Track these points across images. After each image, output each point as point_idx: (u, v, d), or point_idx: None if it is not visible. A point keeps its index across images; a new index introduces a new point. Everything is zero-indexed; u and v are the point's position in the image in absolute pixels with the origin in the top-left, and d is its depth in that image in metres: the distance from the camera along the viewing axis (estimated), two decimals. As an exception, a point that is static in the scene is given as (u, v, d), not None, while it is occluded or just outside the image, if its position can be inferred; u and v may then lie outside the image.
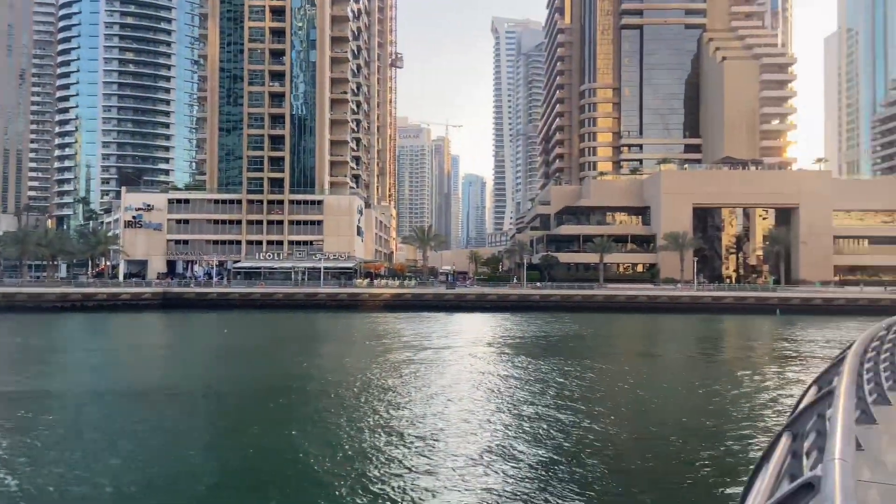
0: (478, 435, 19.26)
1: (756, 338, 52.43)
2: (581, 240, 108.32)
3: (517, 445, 18.16)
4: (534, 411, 22.62)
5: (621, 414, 22.42)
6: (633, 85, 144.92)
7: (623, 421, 21.22)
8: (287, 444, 18.63)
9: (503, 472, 15.80)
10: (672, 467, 16.09)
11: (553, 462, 16.56)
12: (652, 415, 22.29)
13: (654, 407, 23.76)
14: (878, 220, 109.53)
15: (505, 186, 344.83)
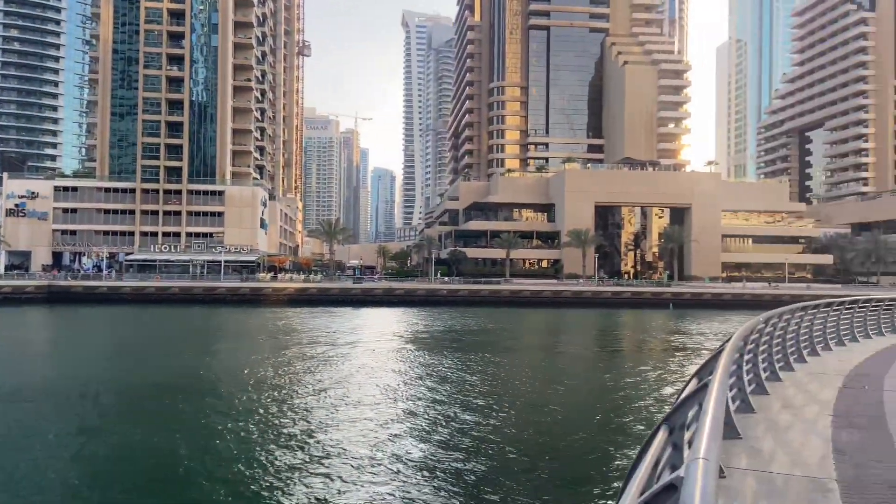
0: (372, 433, 18.66)
1: (651, 331, 54.58)
2: (489, 235, 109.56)
3: (408, 441, 17.71)
4: (430, 407, 22.25)
5: (517, 408, 22.40)
6: (540, 85, 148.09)
7: (519, 415, 21.18)
8: (162, 445, 17.33)
9: (391, 471, 15.28)
10: (560, 462, 16.05)
11: (439, 458, 16.20)
12: (548, 408, 22.40)
13: (552, 400, 23.93)
14: (762, 221, 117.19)
15: (415, 181, 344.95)
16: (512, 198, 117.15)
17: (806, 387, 10.83)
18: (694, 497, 2.73)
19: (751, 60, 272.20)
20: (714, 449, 2.95)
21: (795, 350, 13.72)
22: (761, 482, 5.73)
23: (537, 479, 14.81)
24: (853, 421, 8.00)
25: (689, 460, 2.96)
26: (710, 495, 2.76)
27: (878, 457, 6.36)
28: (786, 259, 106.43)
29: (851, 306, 18.20)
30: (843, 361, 13.79)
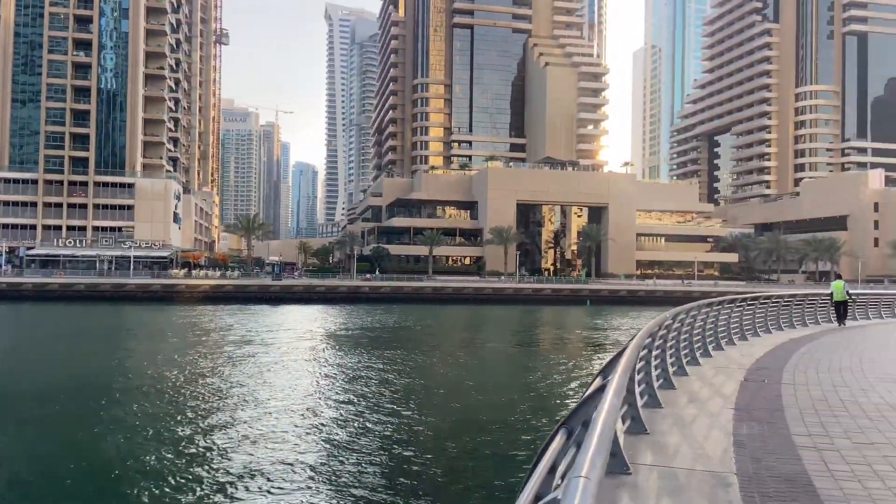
0: (277, 432, 18.10)
1: (570, 327, 55.84)
2: (412, 232, 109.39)
3: (318, 441, 17.29)
4: (341, 406, 21.84)
5: (428, 406, 22.23)
6: (464, 83, 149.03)
7: (428, 413, 21.00)
8: (63, 450, 16.22)
9: (299, 471, 14.85)
10: (463, 463, 15.90)
11: (337, 458, 15.88)
12: (460, 406, 22.35)
13: (465, 398, 23.91)
14: (674, 220, 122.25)
15: (337, 176, 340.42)
16: (435, 195, 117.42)
17: (711, 381, 11.13)
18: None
19: (665, 66, 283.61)
20: (598, 466, 2.73)
21: (702, 345, 14.16)
22: (665, 478, 5.75)
23: (435, 482, 14.63)
24: (753, 414, 8.23)
25: (570, 478, 2.76)
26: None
27: (776, 449, 6.53)
28: (695, 257, 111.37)
29: (753, 302, 19.04)
30: (746, 356, 14.34)
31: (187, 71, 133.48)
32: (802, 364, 13.03)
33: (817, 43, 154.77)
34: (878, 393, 9.89)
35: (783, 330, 20.48)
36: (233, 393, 23.87)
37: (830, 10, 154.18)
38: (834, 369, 12.33)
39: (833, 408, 8.70)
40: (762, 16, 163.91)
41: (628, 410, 7.30)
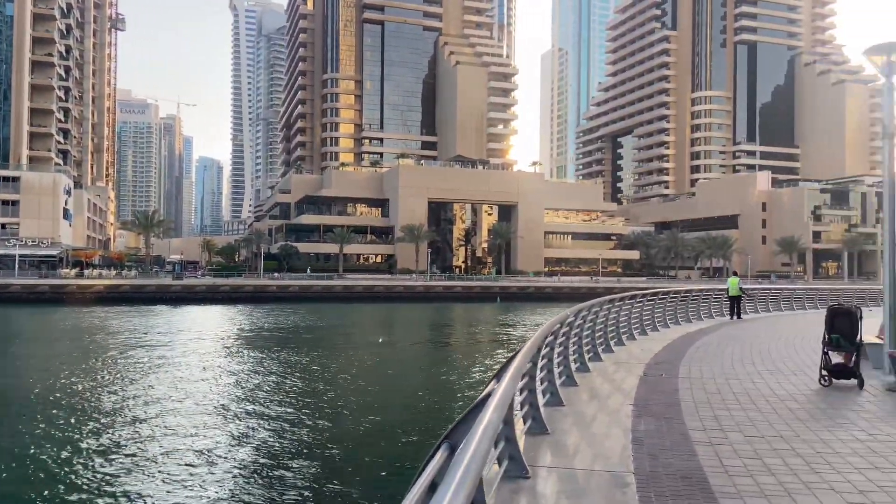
0: (171, 439, 17.07)
1: (480, 324, 56.31)
2: (322, 230, 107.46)
3: (212, 446, 16.40)
4: (244, 409, 20.90)
5: (327, 410, 21.45)
6: (375, 79, 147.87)
7: (324, 418, 20.22)
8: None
9: (185, 477, 14.01)
10: (352, 473, 15.41)
11: (220, 466, 15.16)
12: (360, 410, 21.71)
13: (367, 401, 23.29)
14: (580, 219, 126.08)
15: (244, 172, 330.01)
16: (346, 192, 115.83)
17: (612, 376, 11.23)
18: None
19: (571, 69, 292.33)
20: (461, 495, 2.31)
21: (603, 341, 14.36)
22: (564, 480, 5.60)
23: (307, 495, 14.08)
24: (651, 409, 8.27)
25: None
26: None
27: (672, 445, 6.52)
28: (600, 255, 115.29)
29: (652, 298, 19.62)
30: (645, 350, 14.67)
31: (79, 58, 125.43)
32: (698, 357, 13.42)
33: (711, 50, 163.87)
34: (768, 384, 10.24)
35: (680, 325, 21.24)
36: (127, 400, 22.35)
37: (723, 19, 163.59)
38: (727, 362, 12.76)
39: (726, 400, 8.90)
40: (661, 23, 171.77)
41: (529, 410, 7.15)
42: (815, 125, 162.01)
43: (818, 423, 7.51)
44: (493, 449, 5.28)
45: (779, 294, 32.93)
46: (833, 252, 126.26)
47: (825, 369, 10.04)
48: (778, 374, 11.36)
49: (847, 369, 9.93)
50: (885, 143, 11.27)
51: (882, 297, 11.53)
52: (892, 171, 11.28)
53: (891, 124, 11.11)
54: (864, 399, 9.09)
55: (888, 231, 11.42)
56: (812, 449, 6.36)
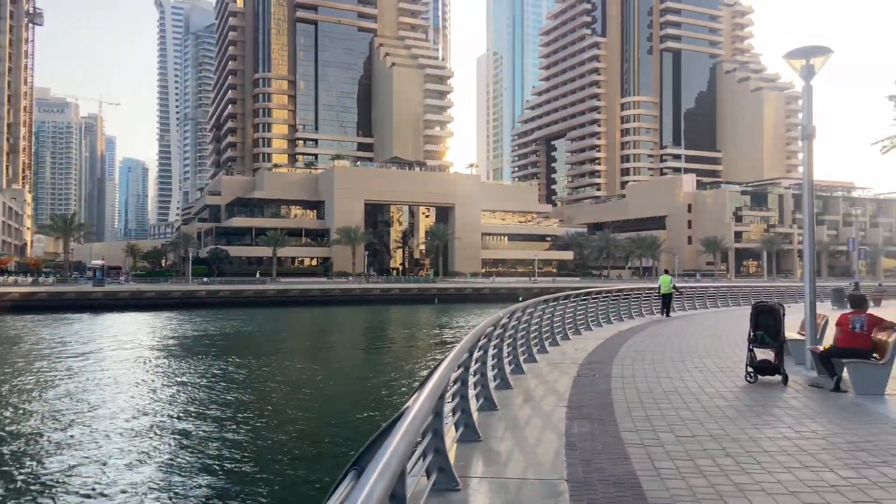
0: (87, 452, 16.10)
1: (417, 326, 56.00)
2: (254, 233, 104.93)
3: (105, 462, 15.54)
4: (152, 423, 19.94)
5: (248, 421, 20.54)
6: (308, 79, 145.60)
7: (245, 430, 19.37)
8: None
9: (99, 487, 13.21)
10: (261, 492, 14.81)
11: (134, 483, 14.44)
12: (285, 420, 21.04)
13: (294, 410, 22.61)
14: (516, 220, 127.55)
15: (171, 174, 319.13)
16: (279, 194, 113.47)
17: (546, 378, 11.14)
18: None
19: (506, 72, 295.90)
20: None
21: (538, 341, 14.32)
22: (496, 491, 5.37)
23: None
24: (584, 411, 8.18)
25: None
26: None
27: (605, 449, 6.40)
28: (535, 255, 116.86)
29: (586, 298, 19.79)
30: (579, 350, 14.70)
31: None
32: (630, 356, 13.52)
33: (639, 57, 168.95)
34: (697, 382, 10.34)
35: (612, 323, 21.52)
36: (26, 416, 20.96)
37: (650, 27, 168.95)
38: (658, 360, 12.90)
39: (657, 399, 8.90)
40: (591, 29, 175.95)
41: (461, 417, 6.91)
42: (736, 130, 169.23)
43: (746, 421, 7.56)
44: (421, 460, 5.01)
45: (705, 292, 33.97)
46: (753, 251, 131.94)
47: (751, 366, 10.21)
48: (706, 371, 11.52)
49: (772, 366, 10.12)
50: (805, 144, 11.59)
51: (802, 293, 11.86)
52: (811, 171, 11.61)
53: (809, 125, 11.43)
54: (788, 395, 9.25)
55: (807, 230, 11.76)
56: (742, 448, 6.35)
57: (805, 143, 11.57)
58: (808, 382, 10.09)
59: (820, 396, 9.12)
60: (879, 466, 5.68)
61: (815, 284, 11.66)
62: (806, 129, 11.50)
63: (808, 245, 11.79)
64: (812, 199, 11.74)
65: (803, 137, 11.61)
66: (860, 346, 9.26)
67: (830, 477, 5.43)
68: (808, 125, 11.47)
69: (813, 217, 11.66)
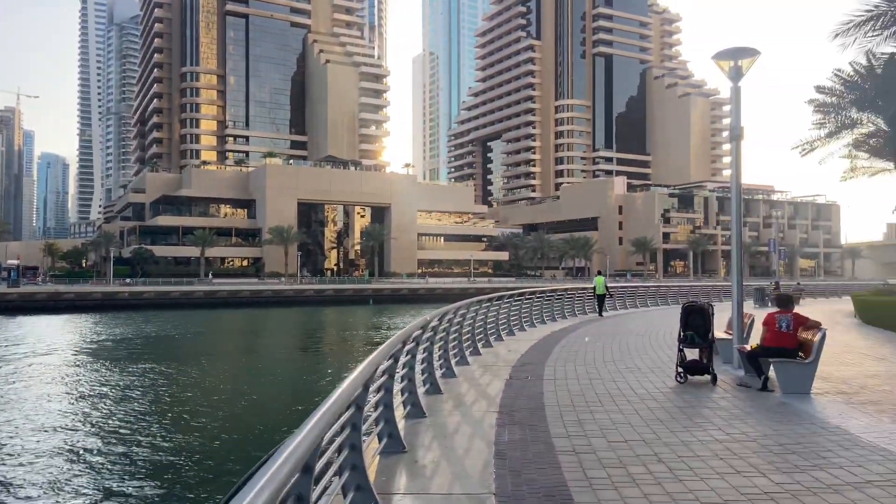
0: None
1: (352, 327, 55.14)
2: (181, 232, 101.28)
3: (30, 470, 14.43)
4: (73, 428, 18.72)
5: (153, 432, 19.41)
6: (239, 74, 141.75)
7: (148, 443, 18.36)
8: None
9: None
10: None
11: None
12: (196, 426, 20.13)
13: (216, 416, 21.70)
14: (452, 221, 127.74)
15: (93, 170, 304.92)
16: (208, 192, 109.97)
17: (478, 381, 10.83)
18: None
19: (442, 73, 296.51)
20: None
21: (471, 343, 14.02)
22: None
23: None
24: (515, 416, 7.88)
25: None
26: None
27: (536, 458, 6.10)
28: (471, 256, 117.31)
29: (520, 298, 19.65)
30: (513, 351, 14.48)
31: None
32: (562, 357, 13.39)
33: (572, 61, 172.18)
34: (628, 383, 10.24)
35: (546, 323, 21.49)
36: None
37: (583, 31, 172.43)
38: (590, 361, 12.79)
39: (589, 403, 8.70)
40: (527, 32, 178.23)
41: (385, 427, 6.48)
42: (665, 134, 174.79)
43: (678, 424, 7.41)
44: (337, 477, 4.56)
45: (635, 292, 34.60)
46: (680, 251, 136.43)
47: (681, 366, 10.17)
48: (637, 371, 11.46)
49: (701, 365, 10.10)
50: (733, 145, 11.69)
51: (728, 292, 11.96)
52: (739, 172, 11.72)
53: (737, 126, 11.52)
54: (717, 395, 9.22)
55: (735, 231, 11.88)
56: (674, 453, 6.16)
57: (734, 145, 11.67)
58: (736, 382, 10.13)
59: (748, 396, 9.12)
60: (811, 471, 5.57)
61: (742, 284, 11.77)
62: (734, 130, 11.59)
63: (736, 245, 11.91)
64: (740, 200, 11.86)
65: (732, 138, 11.70)
66: (786, 345, 9.33)
67: (763, 483, 5.28)
68: (736, 126, 11.56)
69: (741, 218, 11.77)
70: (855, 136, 25.94)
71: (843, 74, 24.91)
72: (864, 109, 23.70)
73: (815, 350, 8.95)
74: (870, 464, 5.74)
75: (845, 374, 11.08)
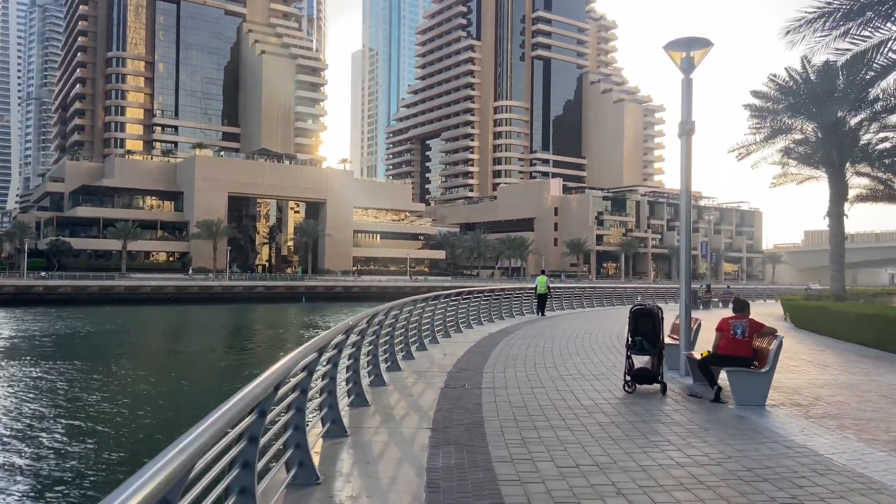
0: None
1: (282, 326, 53.22)
2: (102, 224, 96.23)
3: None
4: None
5: (69, 437, 18.04)
6: (169, 62, 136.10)
7: (44, 439, 16.93)
8: None
9: None
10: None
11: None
12: (95, 431, 18.63)
13: (123, 424, 20.10)
14: (389, 218, 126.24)
15: (10, 157, 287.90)
16: (133, 183, 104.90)
17: (410, 390, 9.87)
18: None
19: (382, 69, 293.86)
20: None
21: (405, 346, 13.07)
22: None
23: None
24: (451, 435, 6.94)
25: None
26: None
27: (475, 489, 5.16)
28: (408, 254, 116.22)
29: (457, 298, 18.77)
30: (449, 355, 13.60)
31: None
32: (502, 361, 12.58)
33: (511, 63, 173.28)
34: (573, 392, 9.48)
35: (483, 325, 20.70)
36: None
37: (522, 34, 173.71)
38: (530, 366, 12.02)
39: (533, 416, 7.85)
40: (467, 32, 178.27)
41: (295, 453, 5.38)
42: (599, 138, 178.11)
43: (632, 443, 6.62)
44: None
45: (572, 293, 34.33)
46: (612, 254, 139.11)
47: (629, 374, 9.46)
48: (581, 379, 10.72)
49: (650, 373, 9.41)
50: (683, 140, 11.09)
51: (663, 294, 11.36)
52: (689, 169, 11.13)
53: (689, 121, 10.93)
54: (669, 407, 8.52)
55: (684, 232, 11.30)
56: (634, 482, 5.33)
57: (684, 141, 11.07)
58: (686, 391, 9.49)
59: (701, 408, 8.46)
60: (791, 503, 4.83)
61: (690, 287, 11.21)
62: (685, 125, 11.00)
63: (685, 248, 11.34)
64: (689, 202, 11.28)
65: (682, 133, 11.10)
66: (741, 353, 8.73)
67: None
68: (687, 121, 10.97)
69: (690, 221, 11.18)
70: (787, 142, 26.31)
71: (779, 80, 25.19)
72: (798, 115, 23.96)
73: (772, 359, 8.37)
74: (852, 494, 5.05)
75: (795, 382, 10.65)
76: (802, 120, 23.76)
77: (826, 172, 23.92)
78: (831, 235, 23.98)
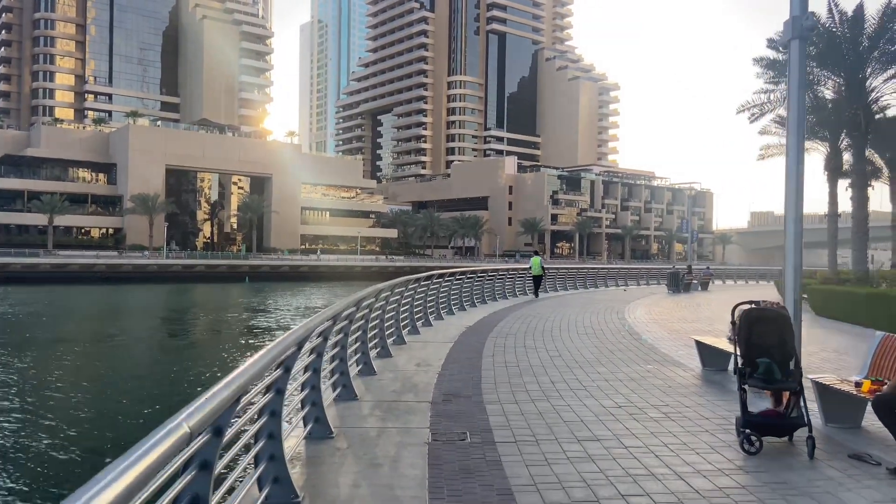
0: None
1: (222, 309, 48.82)
2: (26, 197, 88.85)
3: None
4: None
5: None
6: (102, 25, 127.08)
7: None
8: None
9: None
10: None
11: None
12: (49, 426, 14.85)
13: (41, 424, 16.23)
14: (339, 195, 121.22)
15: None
16: (61, 153, 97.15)
17: (375, 442, 6.37)
18: None
19: (331, 42, 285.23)
20: None
21: (380, 342, 9.58)
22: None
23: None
24: None
25: None
26: None
27: None
28: (359, 232, 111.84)
29: (439, 280, 15.26)
30: (424, 365, 10.03)
31: None
32: (503, 375, 8.99)
33: (466, 37, 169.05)
34: (653, 452, 6.12)
35: (466, 311, 17.29)
36: None
37: (477, 7, 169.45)
38: (547, 383, 8.45)
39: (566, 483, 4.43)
40: (420, 3, 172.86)
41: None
42: (554, 116, 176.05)
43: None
44: None
45: (567, 273, 31.55)
46: (567, 233, 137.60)
47: (748, 423, 5.69)
48: (644, 418, 7.37)
49: (784, 420, 5.79)
50: (796, 45, 7.75)
51: (637, 275, 8.04)
52: (804, 81, 7.80)
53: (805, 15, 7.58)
54: (835, 487, 5.02)
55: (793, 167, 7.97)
56: None
57: (796, 45, 7.72)
58: (848, 452, 5.69)
59: (882, 485, 5.14)
60: None
61: (800, 272, 7.85)
62: (799, 21, 7.65)
63: (794, 216, 8.04)
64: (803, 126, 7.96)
65: (794, 36, 7.74)
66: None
67: None
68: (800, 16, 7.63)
69: (802, 148, 7.87)
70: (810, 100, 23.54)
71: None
72: (825, 66, 21.15)
73: None
74: None
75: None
76: (827, 74, 20.99)
77: (849, 136, 21.27)
78: (854, 209, 21.36)
